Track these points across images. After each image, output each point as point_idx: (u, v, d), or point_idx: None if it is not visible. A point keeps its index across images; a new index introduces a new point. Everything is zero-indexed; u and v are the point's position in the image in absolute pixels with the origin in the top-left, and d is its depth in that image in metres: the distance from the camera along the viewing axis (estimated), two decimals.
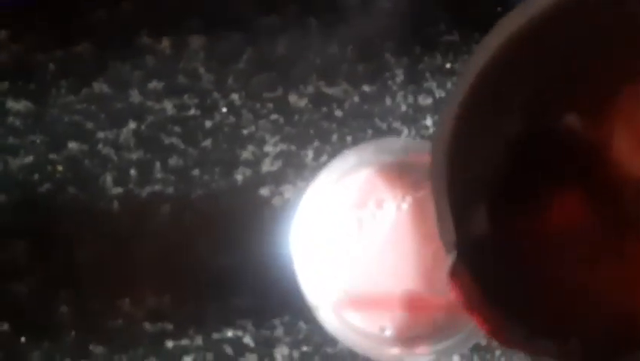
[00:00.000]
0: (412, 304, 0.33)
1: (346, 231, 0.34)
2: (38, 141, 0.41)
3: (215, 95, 0.43)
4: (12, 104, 0.41)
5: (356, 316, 0.33)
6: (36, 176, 0.40)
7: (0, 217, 0.40)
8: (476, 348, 0.42)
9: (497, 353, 0.42)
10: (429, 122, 0.44)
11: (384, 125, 0.44)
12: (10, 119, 0.41)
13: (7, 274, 0.39)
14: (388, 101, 0.45)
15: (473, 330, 0.31)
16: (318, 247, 0.33)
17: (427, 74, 0.45)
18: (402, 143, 0.33)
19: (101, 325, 0.39)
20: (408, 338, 0.32)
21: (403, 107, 0.45)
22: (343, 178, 0.34)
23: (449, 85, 0.46)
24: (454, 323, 0.32)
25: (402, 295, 0.33)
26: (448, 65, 0.46)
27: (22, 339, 0.38)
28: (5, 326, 0.38)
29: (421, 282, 0.33)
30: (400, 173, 0.34)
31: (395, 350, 0.31)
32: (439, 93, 0.45)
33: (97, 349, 0.38)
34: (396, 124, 0.44)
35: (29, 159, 0.40)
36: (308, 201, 0.32)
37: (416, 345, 0.32)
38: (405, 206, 0.34)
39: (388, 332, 0.33)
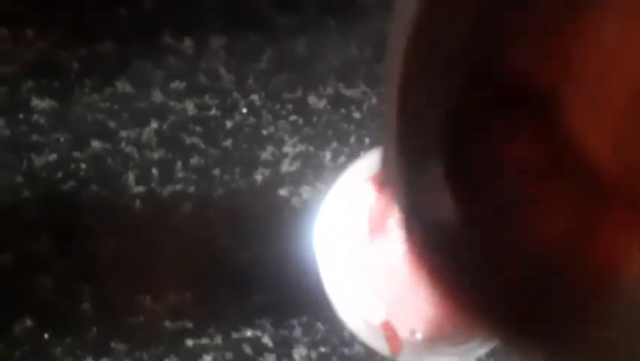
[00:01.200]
0: (441, 305, 0.33)
1: (375, 234, 0.34)
2: (62, 139, 0.41)
3: (236, 95, 0.43)
4: (36, 102, 0.42)
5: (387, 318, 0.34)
6: (60, 173, 0.40)
7: (24, 214, 0.40)
8: (492, 352, 0.42)
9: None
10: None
11: None
12: (35, 117, 0.41)
13: (30, 270, 0.39)
14: None
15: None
16: (343, 248, 0.33)
17: None
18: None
19: (123, 322, 0.39)
20: (436, 339, 0.33)
21: None
22: (370, 178, 0.34)
23: None
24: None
25: (430, 296, 0.34)
26: None
27: (46, 335, 0.38)
28: (29, 322, 0.38)
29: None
30: None
31: (425, 353, 0.31)
32: None
33: (118, 346, 0.39)
34: None
35: (53, 156, 0.41)
36: (332, 201, 0.32)
37: (443, 346, 0.32)
38: None
39: (419, 335, 0.33)
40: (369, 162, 0.33)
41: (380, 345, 0.31)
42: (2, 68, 0.42)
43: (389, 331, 0.32)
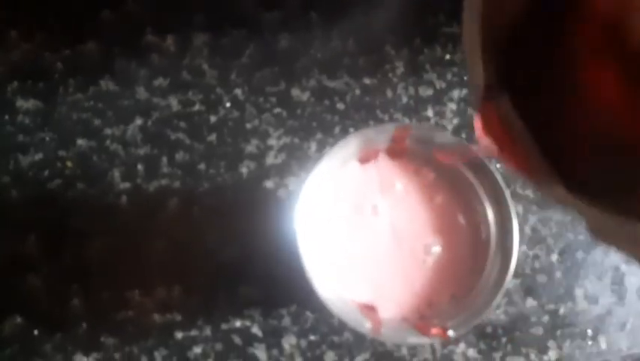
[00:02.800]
0: (426, 286, 0.33)
1: (356, 217, 0.34)
2: (48, 138, 0.41)
3: (219, 90, 0.44)
4: (21, 103, 0.42)
5: (368, 300, 0.34)
6: (46, 172, 0.41)
7: (11, 213, 0.40)
8: (482, 335, 0.42)
9: (504, 339, 0.42)
10: (430, 112, 0.45)
11: (385, 117, 0.45)
12: (20, 117, 0.42)
13: (19, 267, 0.39)
14: (389, 93, 0.45)
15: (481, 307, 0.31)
16: (324, 232, 0.34)
17: (427, 66, 0.46)
18: (402, 128, 0.34)
19: (112, 317, 0.39)
20: (421, 319, 0.33)
21: (404, 99, 0.45)
22: (347, 164, 0.35)
23: (449, 76, 0.46)
24: (465, 301, 0.32)
25: (417, 277, 0.34)
26: (447, 57, 0.46)
27: (35, 332, 0.38)
28: (18, 319, 0.39)
29: (434, 263, 0.34)
30: (403, 158, 0.35)
31: (412, 334, 0.31)
32: (440, 84, 0.46)
33: (108, 340, 0.39)
34: (398, 115, 0.45)
35: (39, 155, 0.41)
36: (311, 187, 0.32)
37: (430, 326, 0.32)
38: (411, 191, 0.34)
39: (400, 316, 0.33)
40: (346, 147, 0.33)
41: (362, 326, 0.31)
42: None
43: (370, 312, 0.32)
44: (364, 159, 0.35)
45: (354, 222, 0.34)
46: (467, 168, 0.34)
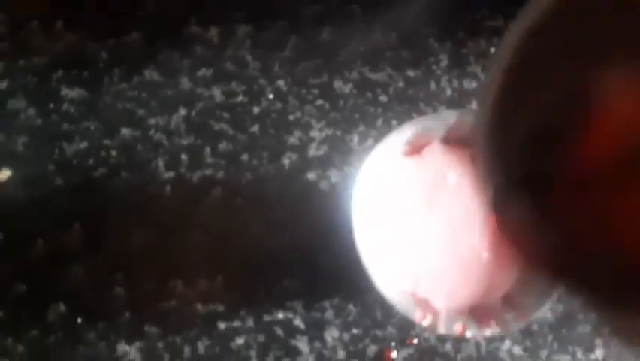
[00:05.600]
0: (481, 281, 0.32)
1: (414, 209, 0.33)
2: (92, 127, 0.41)
3: (262, 81, 0.44)
4: (66, 92, 0.42)
5: (423, 291, 0.33)
6: (91, 161, 0.41)
7: (56, 201, 0.40)
8: (528, 333, 0.41)
9: (550, 337, 0.41)
10: (474, 106, 0.44)
11: (429, 110, 0.44)
12: (65, 106, 0.42)
13: (63, 256, 0.39)
14: (433, 85, 0.45)
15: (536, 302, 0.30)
16: (380, 225, 0.33)
17: (472, 59, 0.45)
18: (462, 115, 0.33)
19: (155, 306, 0.39)
20: (475, 314, 0.32)
21: (448, 92, 0.45)
22: (401, 154, 0.34)
23: None
24: (521, 297, 0.31)
25: (472, 271, 0.33)
26: (492, 50, 0.46)
27: (79, 320, 0.38)
28: (62, 308, 0.38)
29: (492, 257, 0.33)
30: (458, 147, 0.34)
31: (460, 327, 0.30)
32: (484, 77, 0.45)
33: (151, 330, 0.38)
34: (441, 108, 0.44)
35: (84, 144, 0.41)
36: (366, 176, 0.32)
37: (483, 321, 0.31)
38: (467, 182, 0.33)
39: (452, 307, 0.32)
40: (399, 138, 0.33)
41: (413, 314, 0.31)
42: (33, 59, 0.42)
43: (423, 303, 0.31)
44: (419, 149, 0.34)
45: (409, 213, 0.33)
46: None
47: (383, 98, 0.44)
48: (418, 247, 0.33)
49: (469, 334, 0.31)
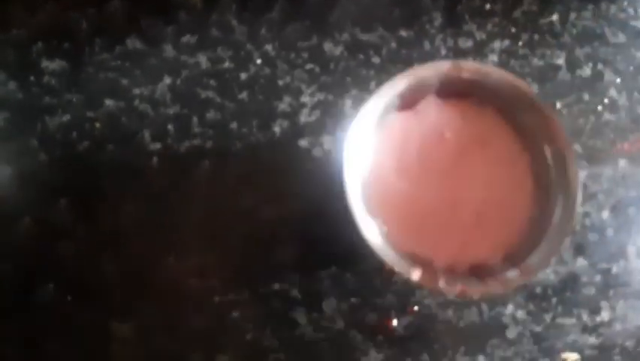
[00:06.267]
0: (481, 239, 0.31)
1: (410, 167, 0.32)
2: (75, 99, 0.40)
3: (249, 46, 0.42)
4: (47, 64, 0.41)
5: (421, 249, 0.31)
6: (75, 134, 0.40)
7: (41, 176, 0.39)
8: (531, 296, 0.40)
9: (554, 300, 0.40)
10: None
11: None
12: (46, 78, 0.40)
13: (50, 232, 0.38)
14: (427, 45, 0.43)
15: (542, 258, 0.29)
16: (377, 185, 0.32)
17: (466, 16, 0.44)
18: (454, 63, 0.31)
19: (148, 283, 0.38)
20: (476, 273, 0.31)
21: (443, 51, 0.43)
22: (394, 108, 0.32)
23: (490, 27, 0.44)
24: (524, 255, 0.30)
25: (471, 229, 0.31)
26: (487, 7, 0.44)
27: (69, 298, 0.37)
28: (51, 286, 0.37)
29: (487, 209, 0.32)
30: (454, 101, 0.32)
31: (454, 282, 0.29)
32: (480, 36, 0.43)
33: (145, 307, 0.38)
34: None
35: (67, 117, 0.40)
36: (357, 133, 0.30)
37: (484, 280, 0.30)
38: (464, 137, 0.32)
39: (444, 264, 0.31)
40: (393, 88, 0.31)
41: (411, 273, 0.29)
42: (11, 31, 0.41)
43: (421, 261, 0.30)
44: (412, 102, 0.32)
45: (404, 171, 0.32)
46: (523, 108, 0.32)
47: (376, 59, 0.42)
48: (414, 205, 0.31)
49: (471, 293, 0.29)
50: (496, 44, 0.43)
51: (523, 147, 0.32)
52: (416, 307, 0.38)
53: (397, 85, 0.31)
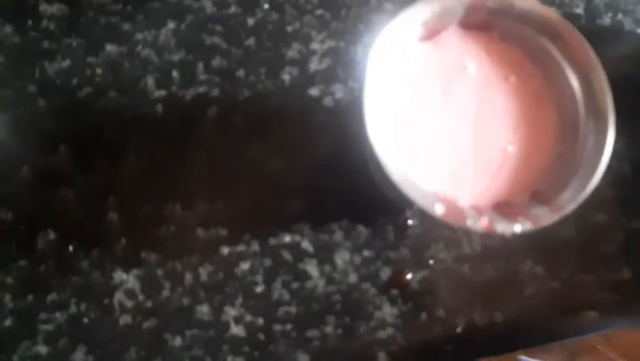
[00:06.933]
0: (507, 176, 0.30)
1: (431, 100, 0.30)
2: (75, 44, 0.38)
3: None
4: (45, 7, 0.39)
5: (445, 189, 0.30)
6: (75, 80, 0.38)
7: (40, 123, 0.38)
8: (549, 252, 0.38)
9: (572, 256, 0.38)
10: None
11: None
12: (45, 22, 0.39)
13: (51, 180, 0.37)
14: None
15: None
16: (397, 121, 0.30)
17: None
18: None
19: (152, 232, 0.37)
20: (502, 211, 0.29)
21: None
22: (414, 39, 0.30)
23: None
24: (553, 193, 0.28)
25: (496, 165, 0.30)
26: None
27: (70, 248, 0.36)
28: (52, 235, 0.36)
29: (512, 146, 0.30)
30: (477, 32, 0.31)
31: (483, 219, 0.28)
32: None
33: (149, 256, 0.36)
34: None
35: (67, 63, 0.38)
36: (376, 65, 0.28)
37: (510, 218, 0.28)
38: (488, 70, 0.30)
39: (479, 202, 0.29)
40: (414, 18, 0.29)
41: (435, 209, 0.27)
42: None
43: (444, 200, 0.28)
44: (433, 33, 0.31)
45: (425, 105, 0.30)
46: (549, 38, 0.30)
47: (389, 5, 0.41)
48: (436, 142, 0.30)
49: (498, 228, 0.27)
50: None
51: (548, 80, 0.31)
52: (431, 261, 0.37)
53: (420, 12, 0.29)
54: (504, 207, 0.29)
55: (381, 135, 0.27)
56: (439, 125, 0.30)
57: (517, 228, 0.27)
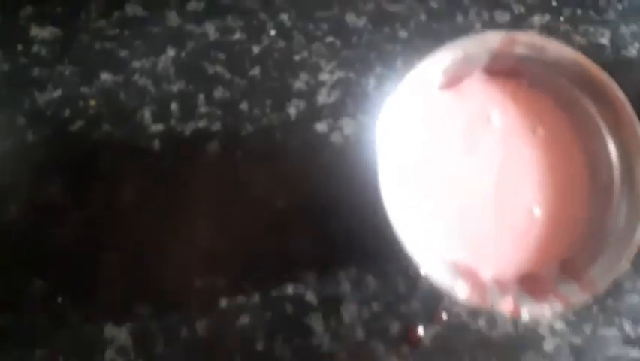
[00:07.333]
0: (533, 243, 0.27)
1: (451, 155, 0.28)
2: (67, 72, 0.37)
3: (262, 15, 0.39)
4: (37, 31, 0.37)
5: (465, 258, 0.27)
6: (67, 112, 0.36)
7: (28, 158, 0.36)
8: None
9: (594, 309, 0.36)
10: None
11: None
12: (35, 48, 0.37)
13: (40, 221, 0.35)
14: (460, 18, 0.40)
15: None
16: (413, 173, 0.28)
17: None
18: (507, 36, 0.27)
19: (146, 281, 0.35)
20: (528, 285, 0.27)
21: (477, 25, 0.40)
22: (433, 88, 0.28)
23: None
24: (584, 263, 0.26)
25: (521, 231, 0.27)
26: None
27: (59, 299, 0.34)
28: (40, 283, 0.34)
29: (539, 208, 0.28)
30: (502, 79, 0.28)
31: (512, 300, 0.25)
32: (518, 8, 0.40)
33: (142, 309, 0.34)
34: None
35: (58, 92, 0.37)
36: (391, 117, 0.26)
37: (537, 294, 0.26)
38: (515, 122, 0.28)
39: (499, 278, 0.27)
40: (434, 66, 0.27)
41: (456, 288, 0.25)
42: None
43: (465, 271, 0.26)
44: (455, 81, 0.29)
45: (445, 161, 0.28)
46: (583, 89, 0.27)
47: (403, 33, 0.39)
48: (456, 203, 0.27)
49: (524, 313, 0.25)
50: (536, 19, 0.40)
51: (580, 137, 0.28)
52: (445, 315, 0.35)
53: (441, 60, 0.27)
54: (530, 281, 0.27)
55: (395, 195, 0.25)
56: (459, 182, 0.28)
57: (547, 311, 0.25)
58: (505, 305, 0.25)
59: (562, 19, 0.40)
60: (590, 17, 0.40)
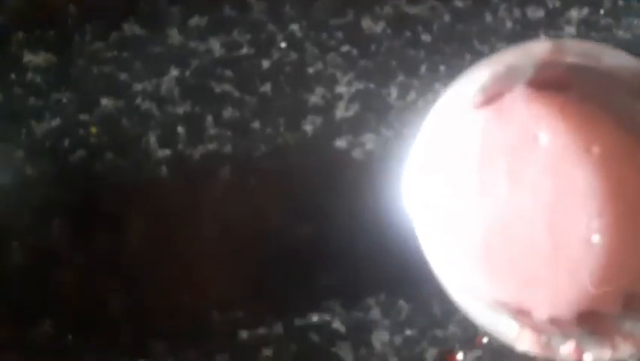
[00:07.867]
0: (592, 276, 0.30)
1: (494, 183, 0.31)
2: (65, 99, 0.42)
3: (271, 27, 0.43)
4: (30, 58, 0.43)
5: (514, 295, 0.30)
6: (66, 142, 0.42)
7: (28, 194, 0.41)
8: None
9: None
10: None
11: (485, 48, 0.44)
12: (30, 75, 0.42)
13: (44, 261, 0.40)
14: (488, 17, 0.44)
15: None
16: (445, 206, 0.30)
17: None
18: (555, 44, 0.28)
19: (160, 317, 0.40)
20: (590, 324, 0.29)
21: (508, 24, 0.44)
22: (471, 107, 0.31)
23: None
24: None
25: (579, 264, 0.30)
26: None
27: (69, 337, 0.40)
28: (49, 323, 0.40)
29: (598, 239, 0.30)
30: (551, 93, 0.31)
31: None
32: (553, 3, 0.44)
33: (157, 346, 0.40)
34: (501, 45, 0.44)
35: (56, 121, 0.42)
36: (424, 139, 0.28)
37: (601, 333, 0.28)
38: (567, 142, 0.30)
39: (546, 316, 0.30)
40: (470, 84, 0.28)
41: (513, 334, 0.28)
42: None
43: (518, 313, 0.29)
44: (495, 97, 0.31)
45: (486, 189, 0.30)
46: None
47: (426, 37, 0.44)
48: (502, 236, 0.30)
49: (587, 358, 0.27)
50: (573, 13, 0.44)
51: None
52: (485, 339, 0.40)
53: (478, 76, 0.28)
54: (591, 320, 0.29)
55: (432, 233, 0.27)
56: (505, 213, 0.30)
57: (614, 355, 0.27)
58: (567, 351, 0.27)
59: (602, 12, 0.44)
60: (633, 8, 0.44)
